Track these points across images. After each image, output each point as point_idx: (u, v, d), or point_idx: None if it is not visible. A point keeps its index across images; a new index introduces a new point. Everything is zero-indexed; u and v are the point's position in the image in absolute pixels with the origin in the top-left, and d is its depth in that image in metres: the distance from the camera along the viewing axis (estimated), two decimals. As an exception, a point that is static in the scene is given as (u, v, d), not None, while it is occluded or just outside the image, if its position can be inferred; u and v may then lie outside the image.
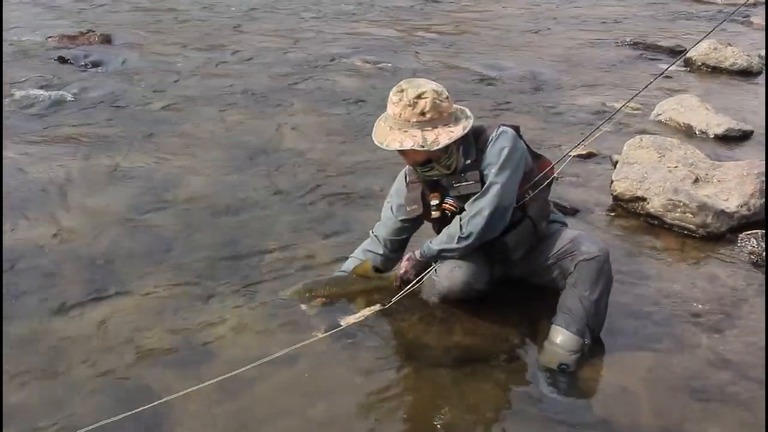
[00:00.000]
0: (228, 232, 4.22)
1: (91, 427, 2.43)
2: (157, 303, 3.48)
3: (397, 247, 3.54)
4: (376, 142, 3.15)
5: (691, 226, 4.27)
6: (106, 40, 8.53)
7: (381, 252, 3.53)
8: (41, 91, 6.57)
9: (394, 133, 3.10)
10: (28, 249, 3.92)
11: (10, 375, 2.95)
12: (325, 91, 7.04)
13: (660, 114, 6.33)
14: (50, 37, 8.50)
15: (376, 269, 3.54)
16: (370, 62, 8.07)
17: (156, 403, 2.60)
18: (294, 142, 5.68)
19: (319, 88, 7.09)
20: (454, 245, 3.21)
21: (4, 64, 7.36)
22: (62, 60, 7.63)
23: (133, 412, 2.52)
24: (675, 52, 8.62)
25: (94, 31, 8.67)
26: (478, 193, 3.16)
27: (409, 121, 3.07)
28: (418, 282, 3.34)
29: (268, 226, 4.30)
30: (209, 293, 3.58)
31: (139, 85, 7.00)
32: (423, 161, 3.18)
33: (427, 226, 3.53)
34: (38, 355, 3.09)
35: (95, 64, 7.60)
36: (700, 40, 3.63)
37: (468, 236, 3.17)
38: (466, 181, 3.19)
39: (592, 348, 3.17)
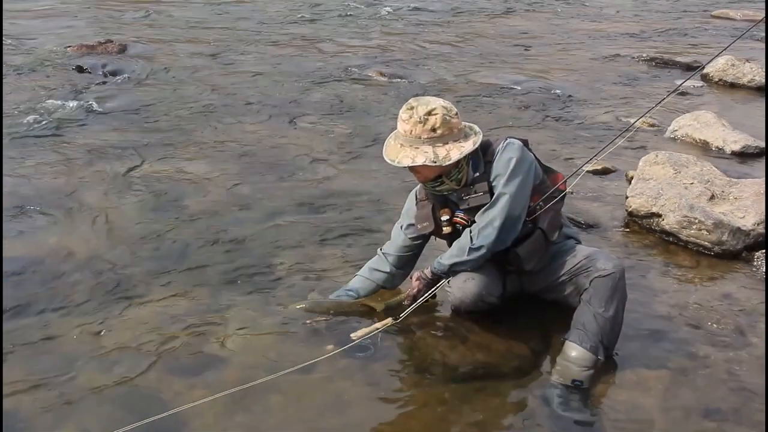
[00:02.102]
0: (241, 242, 4.23)
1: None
2: (170, 312, 3.49)
3: (404, 263, 3.54)
4: (387, 160, 3.18)
5: (706, 243, 4.24)
6: (124, 49, 8.61)
7: (387, 270, 3.52)
8: (59, 100, 6.63)
9: (405, 149, 3.12)
10: (43, 255, 3.95)
11: (21, 381, 2.96)
12: (341, 102, 7.06)
13: (676, 130, 6.29)
14: (69, 46, 8.59)
15: (382, 287, 3.54)
16: (387, 74, 8.10)
17: (167, 413, 2.60)
18: (309, 154, 5.70)
19: (334, 100, 7.12)
20: (465, 257, 3.20)
21: (23, 73, 7.47)
22: (80, 69, 7.70)
23: (145, 422, 2.52)
24: (692, 68, 8.57)
25: (112, 41, 8.75)
26: (488, 204, 3.16)
27: (420, 138, 3.09)
28: (429, 294, 3.33)
29: (281, 237, 4.31)
30: (222, 303, 3.59)
31: (155, 95, 7.05)
32: (434, 177, 3.19)
33: (433, 246, 3.53)
34: (49, 361, 3.10)
35: (113, 73, 7.67)
36: (716, 56, 3.65)
37: (479, 248, 3.16)
38: (475, 193, 3.19)
39: (606, 365, 3.15)
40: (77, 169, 5.17)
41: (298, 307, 3.49)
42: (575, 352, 3.11)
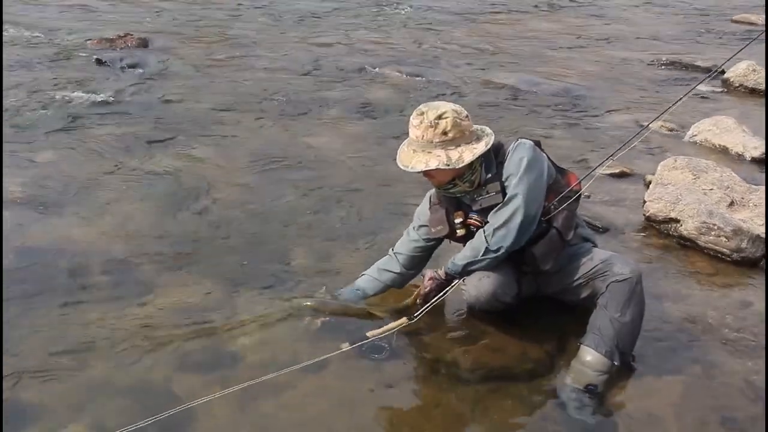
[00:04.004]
0: (257, 238, 4.24)
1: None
2: (184, 306, 3.50)
3: (415, 264, 3.54)
4: (401, 167, 3.18)
5: (725, 250, 4.19)
6: (144, 43, 8.65)
7: (397, 270, 3.52)
8: (78, 92, 6.67)
9: (418, 155, 3.12)
10: (58, 248, 3.97)
11: (34, 374, 2.97)
12: (358, 100, 7.05)
13: (695, 135, 6.24)
14: (89, 39, 8.64)
15: (390, 287, 3.55)
16: (404, 73, 8.09)
17: (179, 408, 2.62)
18: (325, 151, 5.70)
19: (352, 98, 7.12)
20: (479, 258, 3.19)
21: (43, 65, 7.51)
22: (100, 62, 7.75)
23: (157, 417, 2.54)
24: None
25: (131, 35, 8.79)
26: (501, 204, 3.14)
27: (432, 142, 3.08)
28: (443, 295, 3.32)
29: (296, 234, 4.31)
30: (236, 299, 3.59)
31: (173, 89, 7.07)
32: (448, 180, 3.18)
33: (444, 250, 3.52)
34: (62, 356, 3.10)
35: (132, 67, 7.70)
36: (732, 56, 3.66)
37: (497, 249, 3.15)
38: (488, 193, 3.18)
39: (621, 370, 3.12)
40: (93, 162, 5.19)
41: (304, 304, 3.48)
42: (590, 357, 3.10)
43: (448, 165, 3.07)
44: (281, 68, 8.07)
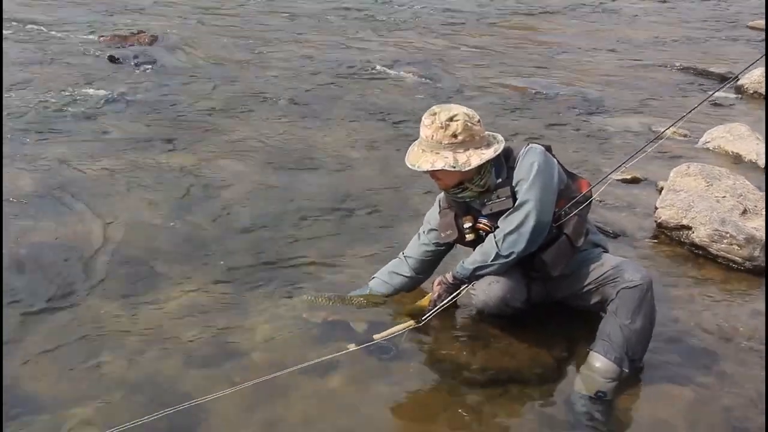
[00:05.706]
0: (266, 238, 4.23)
1: (123, 427, 2.48)
2: (193, 305, 3.50)
3: (425, 268, 3.53)
4: (408, 165, 3.18)
5: (737, 258, 4.15)
6: (156, 41, 8.66)
7: (407, 274, 3.51)
8: (90, 90, 6.69)
9: (426, 155, 3.12)
10: (68, 244, 3.98)
11: (45, 368, 2.99)
12: (369, 101, 7.05)
13: (708, 141, 6.19)
14: (102, 36, 8.67)
15: (400, 290, 3.53)
16: (415, 74, 8.07)
17: (187, 404, 2.64)
18: (335, 152, 5.69)
19: (362, 99, 7.11)
20: (489, 262, 3.17)
21: (56, 62, 7.54)
22: (112, 59, 7.76)
23: (165, 412, 2.56)
24: (726, 79, 8.44)
25: (144, 32, 8.82)
26: (511, 209, 3.13)
27: (441, 143, 3.08)
28: (451, 299, 3.29)
29: (306, 234, 4.30)
30: (245, 298, 3.59)
31: (185, 87, 7.09)
32: (455, 184, 3.16)
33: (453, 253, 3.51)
34: (73, 350, 3.12)
35: (144, 64, 7.72)
36: (750, 65, 3.59)
37: (507, 254, 3.13)
38: (498, 198, 3.17)
39: (631, 377, 3.10)
40: (103, 159, 5.20)
41: (312, 304, 3.46)
42: (599, 363, 3.07)
43: (454, 167, 3.06)
44: (294, 68, 8.07)
